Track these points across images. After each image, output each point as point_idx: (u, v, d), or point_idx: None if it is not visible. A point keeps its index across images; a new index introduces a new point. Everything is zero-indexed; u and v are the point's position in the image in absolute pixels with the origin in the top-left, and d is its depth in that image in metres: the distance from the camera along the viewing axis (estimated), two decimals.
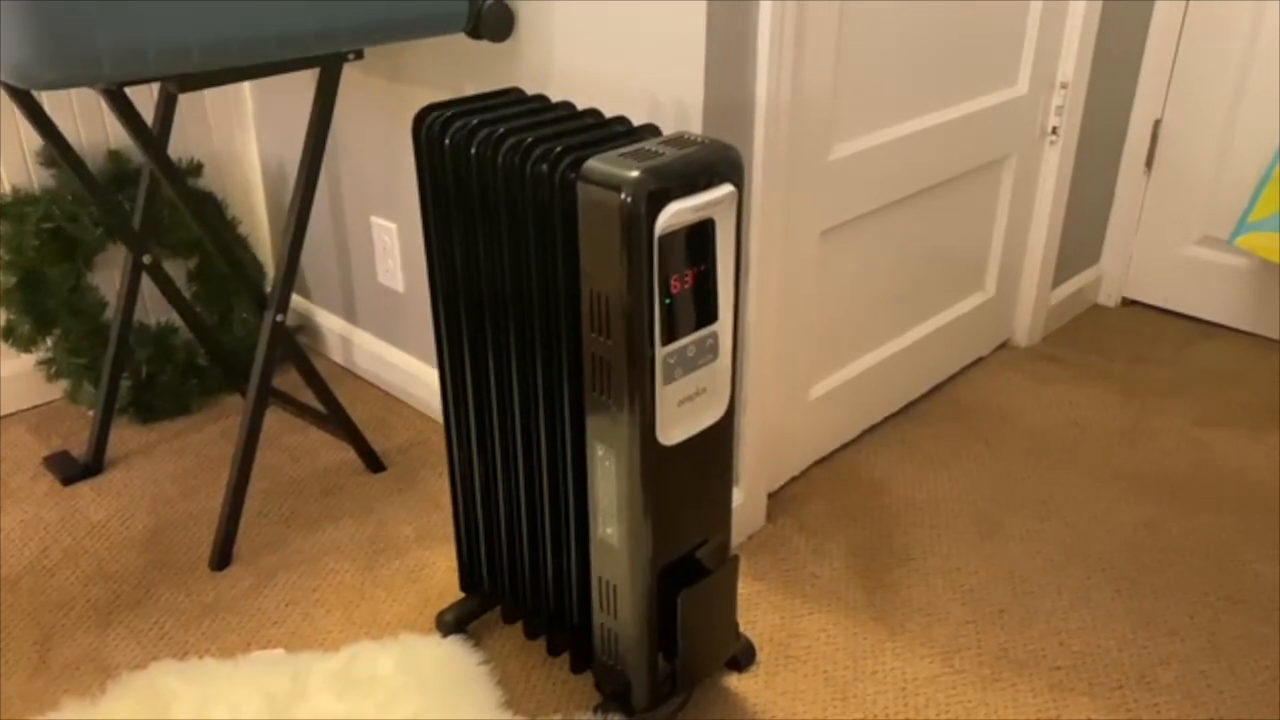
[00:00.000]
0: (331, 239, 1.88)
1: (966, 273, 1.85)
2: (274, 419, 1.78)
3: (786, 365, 1.50)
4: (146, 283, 1.59)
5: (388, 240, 1.73)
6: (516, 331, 1.05)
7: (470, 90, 1.47)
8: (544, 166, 0.95)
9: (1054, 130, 1.85)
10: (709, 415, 1.04)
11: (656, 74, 1.21)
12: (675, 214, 0.91)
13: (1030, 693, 1.22)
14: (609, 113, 1.28)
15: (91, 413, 1.67)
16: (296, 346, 1.54)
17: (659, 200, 0.90)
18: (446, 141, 1.03)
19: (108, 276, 1.80)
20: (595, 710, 1.16)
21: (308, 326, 2.02)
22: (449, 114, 1.05)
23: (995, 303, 1.93)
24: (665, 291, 0.94)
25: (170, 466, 1.66)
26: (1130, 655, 1.28)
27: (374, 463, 1.64)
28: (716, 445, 1.07)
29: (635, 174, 0.88)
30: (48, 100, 1.69)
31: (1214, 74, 1.96)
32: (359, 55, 1.33)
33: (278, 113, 1.88)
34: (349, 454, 1.68)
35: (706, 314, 0.99)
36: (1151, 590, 1.38)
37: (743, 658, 1.26)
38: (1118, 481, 1.62)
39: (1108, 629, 1.32)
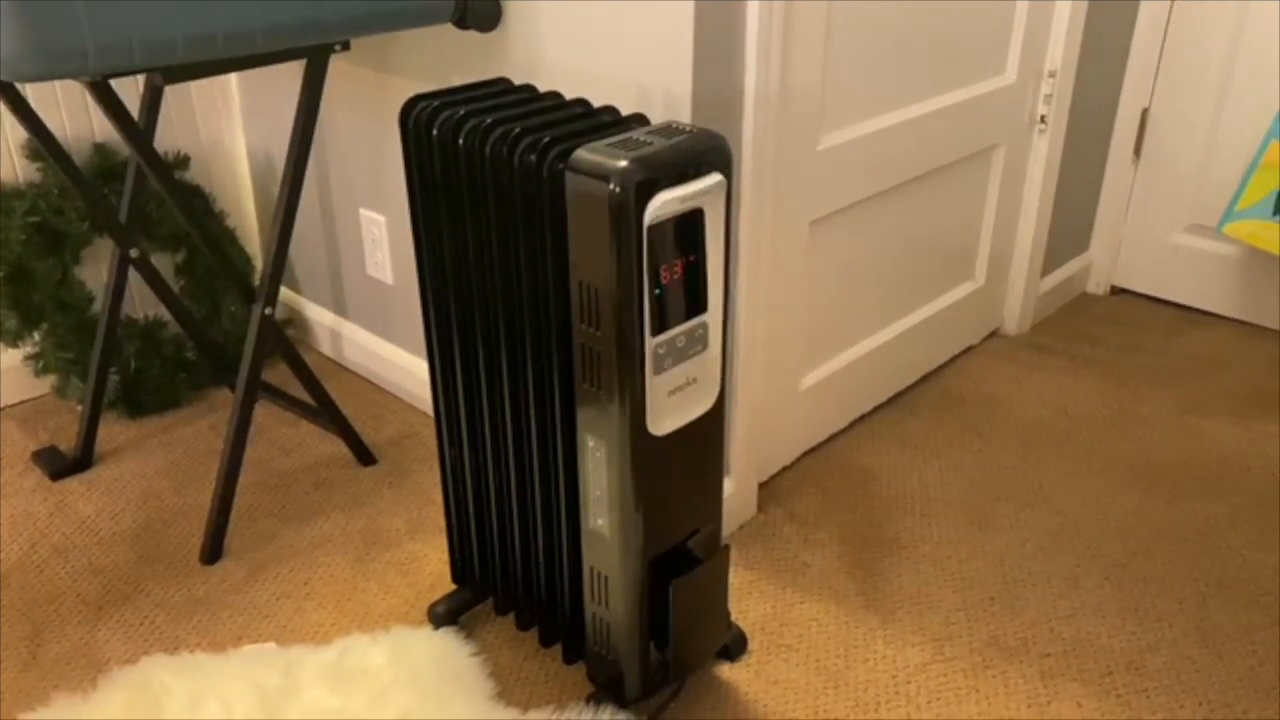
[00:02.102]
0: (320, 232, 1.88)
1: (956, 262, 1.85)
2: (263, 412, 1.77)
3: (776, 355, 1.50)
4: (134, 276, 1.58)
5: (377, 233, 1.73)
6: (506, 323, 1.05)
7: (457, 81, 1.46)
8: (532, 157, 0.95)
9: (1043, 119, 1.85)
10: (699, 405, 1.04)
11: (644, 64, 1.21)
12: (664, 204, 0.91)
13: (1020, 679, 1.23)
14: (597, 103, 1.27)
15: (80, 407, 1.66)
16: (285, 340, 1.53)
17: (647, 190, 0.89)
18: (434, 132, 1.03)
19: (95, 270, 1.79)
20: (588, 700, 1.16)
21: (297, 319, 2.02)
22: (436, 104, 1.04)
23: (985, 292, 1.93)
24: (655, 282, 0.93)
25: (159, 461, 1.65)
26: (1119, 641, 1.28)
27: (364, 456, 1.64)
28: (707, 435, 1.07)
29: (624, 164, 0.88)
30: (32, 93, 1.67)
31: (1201, 62, 1.97)
32: (346, 46, 1.32)
33: (265, 105, 1.87)
34: (339, 447, 1.68)
35: (696, 304, 0.99)
36: (1141, 577, 1.39)
37: (734, 647, 1.26)
38: (1107, 469, 1.62)
39: (1097, 616, 1.32)
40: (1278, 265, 1.99)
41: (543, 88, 1.33)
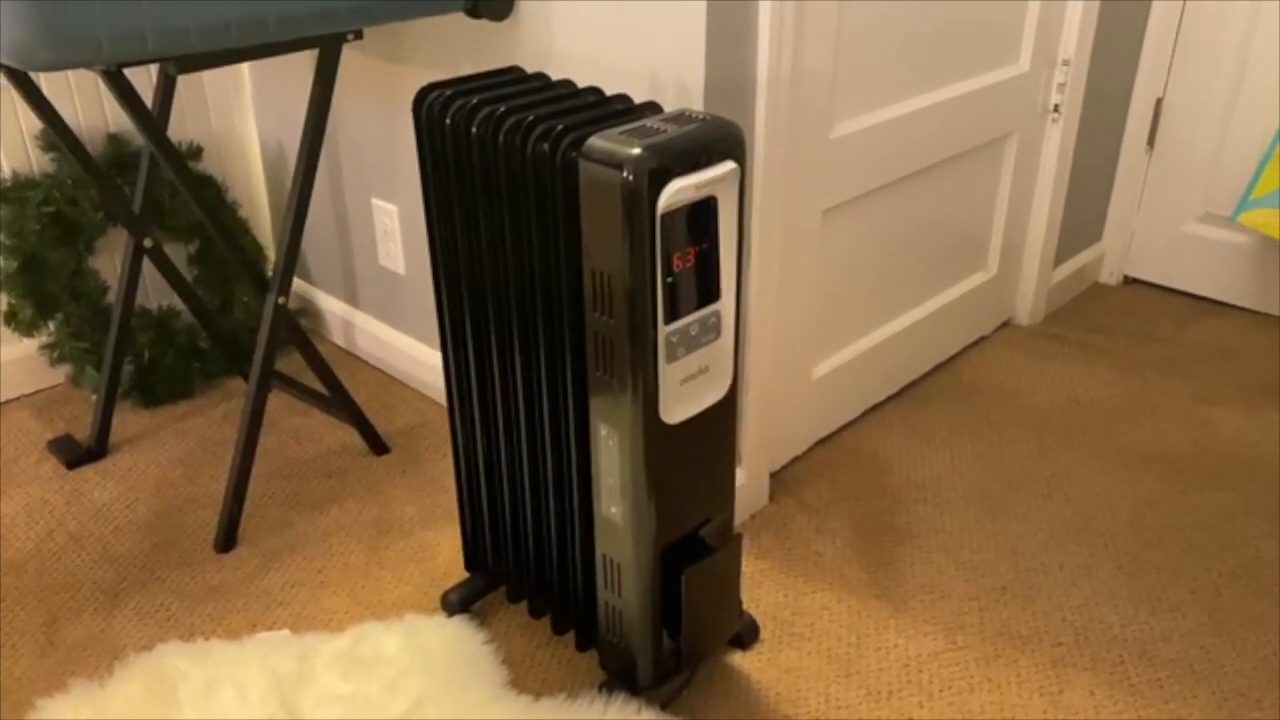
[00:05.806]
0: (332, 222, 1.88)
1: (968, 252, 1.84)
2: (277, 402, 1.78)
3: (788, 344, 1.50)
4: (148, 266, 1.59)
5: (389, 223, 1.73)
6: (519, 312, 1.05)
7: (469, 70, 1.46)
8: (545, 145, 0.95)
9: (1056, 108, 1.85)
10: (711, 394, 1.04)
11: (657, 52, 1.21)
12: (677, 191, 0.91)
13: (1033, 668, 1.23)
14: (609, 91, 1.28)
15: (95, 396, 1.67)
16: (298, 329, 1.54)
17: (661, 178, 0.89)
18: (447, 121, 1.03)
19: (109, 260, 1.79)
20: (600, 688, 1.17)
21: (309, 309, 2.02)
22: (449, 93, 1.04)
23: (997, 282, 1.93)
24: (667, 270, 0.93)
25: (174, 450, 1.66)
26: (1132, 631, 1.28)
27: (377, 445, 1.65)
28: (719, 424, 1.07)
29: (637, 151, 0.88)
30: (46, 83, 1.68)
31: (1216, 51, 1.96)
32: (358, 35, 1.32)
33: (277, 95, 1.88)
34: (352, 436, 1.68)
35: (708, 292, 0.99)
36: (1153, 566, 1.39)
37: (746, 635, 1.26)
38: (1119, 458, 1.62)
39: (1110, 605, 1.32)
40: None
41: (555, 76, 1.33)
